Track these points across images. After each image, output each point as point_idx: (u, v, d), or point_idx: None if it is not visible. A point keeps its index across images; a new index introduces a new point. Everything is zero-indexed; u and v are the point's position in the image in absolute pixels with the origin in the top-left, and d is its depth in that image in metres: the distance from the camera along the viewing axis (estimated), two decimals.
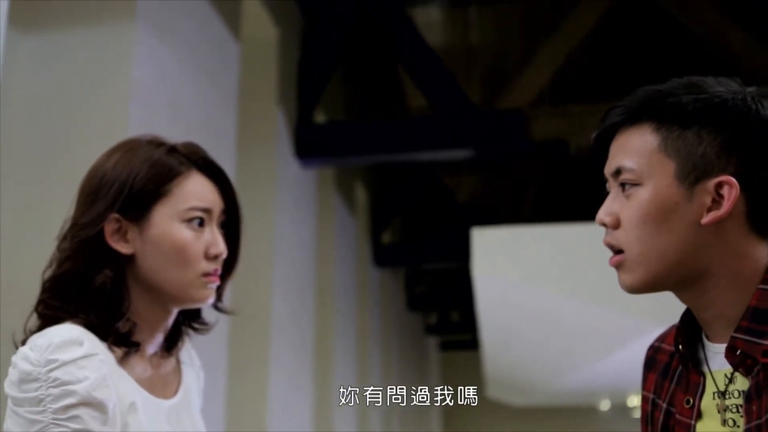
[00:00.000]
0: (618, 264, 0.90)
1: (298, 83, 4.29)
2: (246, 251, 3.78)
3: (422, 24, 4.63)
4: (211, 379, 2.93)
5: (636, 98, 0.90)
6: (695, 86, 0.88)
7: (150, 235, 1.01)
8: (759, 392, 0.82)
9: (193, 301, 1.04)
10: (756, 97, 0.88)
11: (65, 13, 2.47)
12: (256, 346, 3.69)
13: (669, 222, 0.86)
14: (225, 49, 3.25)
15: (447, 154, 4.18)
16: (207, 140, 3.05)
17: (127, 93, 2.43)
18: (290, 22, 4.24)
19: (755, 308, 0.85)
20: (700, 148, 0.86)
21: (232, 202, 1.08)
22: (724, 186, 0.85)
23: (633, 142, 0.89)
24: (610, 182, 0.92)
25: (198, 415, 1.11)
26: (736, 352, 0.85)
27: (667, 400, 0.94)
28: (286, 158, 4.11)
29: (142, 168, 1.01)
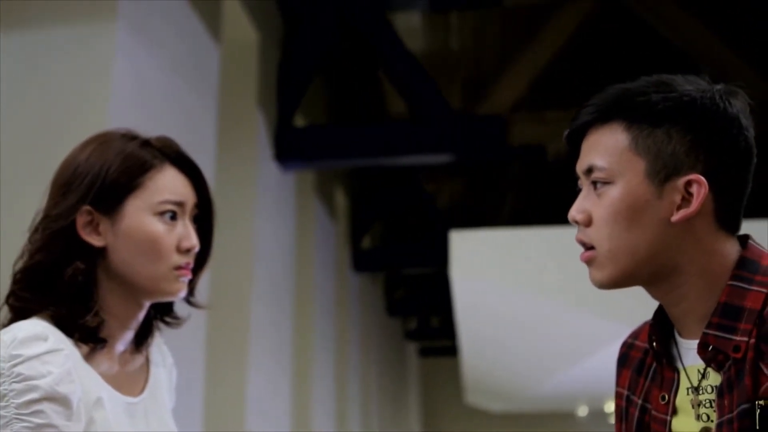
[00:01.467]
0: (589, 260, 0.92)
1: (278, 87, 4.29)
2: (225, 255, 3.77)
3: (403, 30, 4.65)
4: (188, 382, 2.92)
5: (606, 97, 0.92)
6: (665, 85, 0.90)
7: (122, 228, 1.01)
8: (730, 387, 0.84)
9: (165, 294, 1.04)
10: (724, 95, 0.90)
11: (45, 14, 2.46)
12: (234, 350, 3.67)
13: (639, 219, 0.88)
14: (205, 52, 3.25)
15: (426, 158, 4.20)
16: (186, 142, 3.03)
17: (107, 94, 2.42)
18: (271, 26, 4.25)
19: (725, 304, 0.86)
20: (670, 147, 0.88)
21: (205, 196, 1.08)
22: (693, 184, 0.87)
23: (604, 140, 0.90)
24: (582, 180, 0.93)
25: (168, 414, 1.10)
26: (708, 347, 0.86)
27: (642, 397, 0.95)
28: (266, 161, 4.10)
29: (115, 160, 1.01)
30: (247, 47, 3.99)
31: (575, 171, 0.95)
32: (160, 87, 2.81)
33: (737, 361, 0.84)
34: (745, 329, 0.84)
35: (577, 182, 0.96)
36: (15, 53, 2.42)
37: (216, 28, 3.36)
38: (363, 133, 4.18)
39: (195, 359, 3.00)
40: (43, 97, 2.41)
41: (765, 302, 0.85)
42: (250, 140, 3.90)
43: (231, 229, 3.77)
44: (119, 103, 2.44)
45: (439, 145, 4.02)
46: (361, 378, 7.36)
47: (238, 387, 3.64)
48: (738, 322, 0.85)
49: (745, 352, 0.83)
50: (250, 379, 3.68)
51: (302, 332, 5.00)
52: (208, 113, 3.28)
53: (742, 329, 0.84)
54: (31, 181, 2.34)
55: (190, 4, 3.07)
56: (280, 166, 4.25)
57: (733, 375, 0.84)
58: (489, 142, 3.86)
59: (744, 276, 0.87)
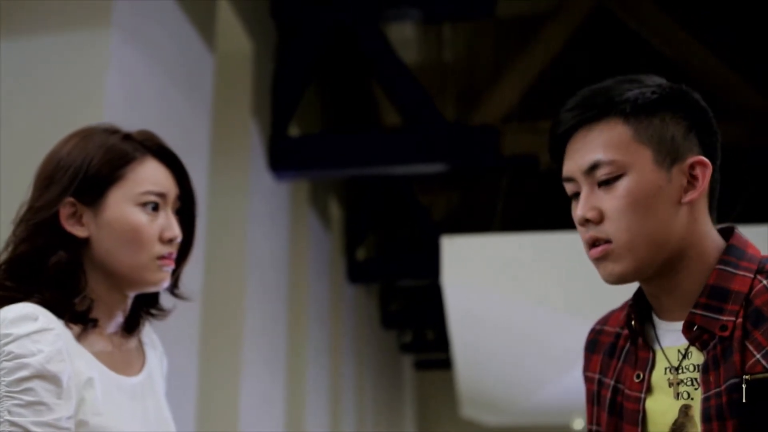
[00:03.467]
0: (604, 254, 0.92)
1: (272, 96, 4.32)
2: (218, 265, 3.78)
3: (396, 41, 4.69)
4: (181, 393, 2.91)
5: (592, 97, 0.94)
6: (639, 80, 0.94)
7: (105, 219, 1.03)
8: (716, 363, 0.87)
9: (147, 283, 1.05)
10: (686, 89, 0.95)
11: (39, 21, 2.48)
12: (227, 362, 3.66)
13: (655, 206, 0.90)
14: (199, 61, 3.27)
15: (420, 168, 4.22)
16: (179, 151, 3.05)
17: (100, 101, 2.43)
18: (265, 36, 4.28)
19: (713, 286, 0.90)
20: (669, 133, 0.92)
21: (187, 188, 1.11)
22: (697, 166, 0.92)
23: (603, 136, 0.92)
24: (581, 180, 0.93)
25: (163, 397, 1.12)
26: (693, 327, 0.90)
27: (614, 378, 0.98)
28: (260, 171, 4.12)
29: (97, 153, 1.04)
30: (241, 56, 4.02)
31: (563, 175, 0.96)
32: (154, 95, 2.82)
33: (723, 340, 0.88)
34: (732, 310, 0.88)
35: (564, 187, 0.97)
36: (7, 60, 2.43)
37: (210, 37, 3.38)
38: (357, 142, 4.20)
39: (187, 370, 2.99)
40: (35, 104, 2.42)
41: (751, 286, 0.89)
42: (243, 149, 3.92)
43: (224, 238, 3.78)
44: (112, 110, 2.45)
45: (433, 154, 4.04)
46: (355, 391, 7.33)
47: (231, 399, 3.63)
48: (725, 304, 0.89)
49: (732, 331, 0.87)
50: (243, 390, 3.67)
51: (296, 344, 4.99)
52: (202, 122, 3.29)
53: (729, 310, 0.88)
54: (25, 188, 2.36)
55: (185, 12, 3.09)
56: (274, 176, 4.26)
57: (719, 353, 0.88)
58: (482, 152, 3.89)
59: (731, 261, 0.91)
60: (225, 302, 3.71)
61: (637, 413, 0.93)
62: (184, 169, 1.10)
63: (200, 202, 3.40)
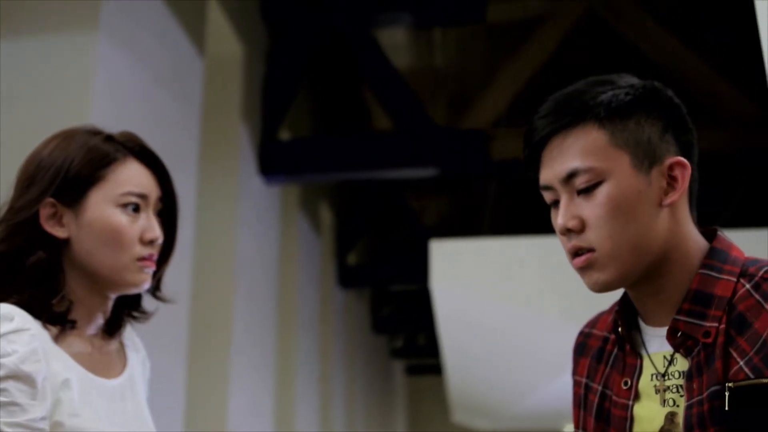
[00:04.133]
0: (588, 263, 0.90)
1: (263, 100, 4.30)
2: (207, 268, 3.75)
3: (387, 45, 4.69)
4: (168, 399, 2.89)
5: (565, 102, 0.92)
6: (611, 82, 0.92)
7: (85, 219, 1.02)
8: (700, 371, 0.86)
9: (128, 285, 1.04)
10: (659, 87, 0.94)
11: (26, 23, 2.46)
12: (215, 368, 3.64)
13: (636, 211, 0.89)
14: (189, 64, 3.26)
15: (410, 172, 4.21)
16: (168, 154, 3.04)
17: (87, 105, 2.41)
18: (256, 39, 4.27)
19: (696, 291, 0.89)
20: (645, 135, 0.90)
21: (169, 190, 1.10)
22: (675, 167, 0.90)
23: (579, 143, 0.90)
24: (559, 189, 0.92)
25: (144, 401, 1.11)
26: (678, 333, 0.89)
27: (602, 383, 0.97)
28: (250, 175, 4.10)
29: (78, 154, 1.03)
30: (231, 60, 4.01)
31: (540, 183, 0.94)
32: (142, 98, 2.81)
33: (707, 346, 0.86)
34: (715, 315, 0.87)
35: (539, 192, 0.95)
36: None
37: (200, 40, 3.37)
38: (347, 146, 4.20)
39: (175, 375, 2.97)
40: (21, 107, 2.40)
41: (734, 290, 0.88)
42: (233, 153, 3.91)
43: (213, 242, 3.76)
44: (99, 114, 2.43)
45: (423, 158, 4.04)
46: (346, 396, 7.31)
47: (219, 404, 3.61)
48: (708, 309, 0.87)
49: (715, 337, 0.86)
50: (231, 396, 3.64)
51: (285, 349, 4.97)
52: (191, 126, 3.28)
53: (712, 315, 0.87)
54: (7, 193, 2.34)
55: (174, 15, 3.08)
56: (264, 180, 4.25)
57: (703, 359, 0.86)
58: (471, 156, 3.89)
59: (714, 265, 0.90)
60: (213, 307, 3.69)
61: (624, 420, 0.92)
62: (166, 170, 1.10)
63: (189, 206, 3.39)
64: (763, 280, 0.87)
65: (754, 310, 0.85)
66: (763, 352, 0.82)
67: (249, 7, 4.20)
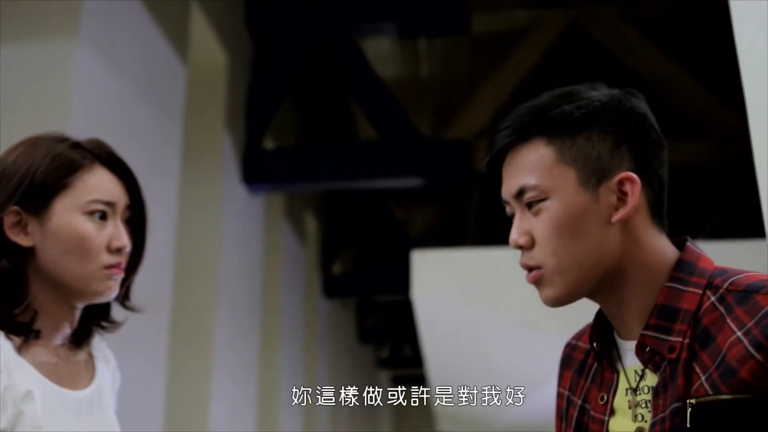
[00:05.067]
0: (536, 280, 0.91)
1: (247, 109, 4.29)
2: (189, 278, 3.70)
3: (372, 55, 4.70)
4: (148, 411, 2.85)
5: (520, 117, 0.92)
6: (572, 95, 0.91)
7: (50, 228, 1.01)
8: (665, 387, 0.85)
9: (95, 294, 1.03)
10: (626, 96, 0.92)
11: (3, 30, 2.43)
12: (196, 379, 3.60)
13: (581, 228, 0.88)
14: (171, 72, 3.24)
15: (395, 182, 4.21)
16: (149, 162, 3.03)
17: (67, 113, 2.39)
18: (240, 48, 4.26)
19: (662, 305, 0.88)
20: (594, 151, 0.89)
21: (138, 197, 1.08)
22: (625, 183, 0.88)
23: (528, 159, 0.90)
24: (513, 204, 0.92)
25: (112, 412, 1.09)
26: (645, 348, 0.88)
27: (581, 397, 0.96)
28: (233, 184, 4.08)
29: (44, 161, 1.01)
30: (216, 69, 3.99)
31: (501, 197, 0.94)
32: (123, 106, 2.79)
33: (672, 362, 0.85)
34: (680, 330, 0.86)
35: (504, 209, 0.95)
36: None
37: (183, 49, 3.36)
38: (332, 156, 4.19)
39: (155, 386, 2.93)
40: None
41: (700, 303, 0.86)
42: (216, 162, 3.89)
43: (195, 252, 3.73)
44: (79, 122, 2.41)
45: (407, 169, 4.04)
46: (331, 408, 7.26)
47: (200, 418, 3.56)
48: (674, 323, 0.86)
49: (680, 352, 0.85)
50: (212, 409, 3.60)
51: (269, 360, 4.93)
52: (173, 133, 3.26)
53: (677, 330, 0.86)
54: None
55: (157, 24, 3.06)
56: (248, 189, 4.23)
57: (668, 375, 0.85)
58: (455, 167, 3.89)
59: (680, 277, 0.88)
60: (195, 318, 3.66)
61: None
62: (134, 177, 1.08)
63: (171, 215, 3.35)
64: (728, 291, 0.85)
65: (718, 324, 0.84)
66: (722, 368, 0.81)
67: (234, 16, 4.20)
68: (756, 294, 0.82)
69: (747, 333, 0.80)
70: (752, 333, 0.80)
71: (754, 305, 0.82)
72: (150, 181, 2.96)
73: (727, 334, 0.82)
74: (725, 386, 0.80)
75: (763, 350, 0.78)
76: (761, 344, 0.78)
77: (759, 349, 0.78)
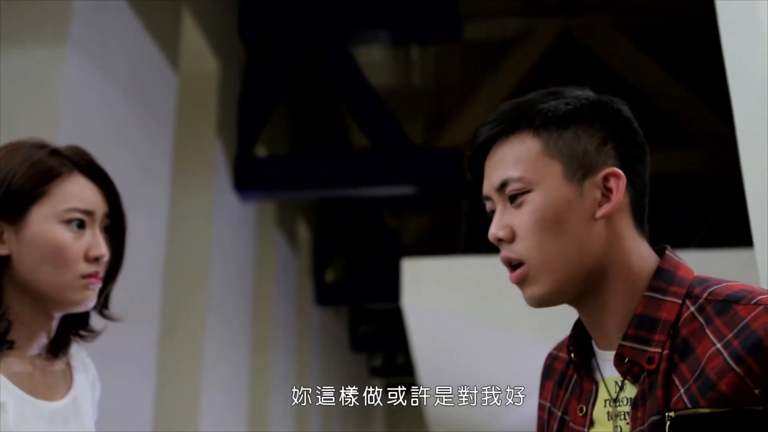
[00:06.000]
0: (521, 277, 0.88)
1: (239, 116, 4.28)
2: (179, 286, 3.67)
3: (365, 63, 4.70)
4: (137, 419, 2.82)
5: (505, 111, 0.91)
6: (558, 93, 0.91)
7: (27, 236, 0.99)
8: (644, 398, 0.83)
9: (72, 303, 1.01)
10: (611, 100, 0.92)
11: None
12: (186, 389, 3.57)
13: (565, 222, 0.86)
14: (162, 79, 3.23)
15: (387, 190, 4.20)
16: (140, 170, 3.02)
17: (55, 119, 2.37)
18: (232, 56, 4.25)
19: (641, 315, 0.86)
20: (581, 146, 0.88)
21: (117, 206, 1.07)
22: (610, 178, 0.87)
23: (513, 151, 0.89)
24: (495, 198, 0.91)
25: (90, 423, 1.06)
26: (624, 359, 0.86)
27: (561, 408, 0.95)
28: (225, 191, 4.07)
29: (21, 168, 1.00)
30: (207, 76, 3.98)
31: (482, 194, 0.93)
32: (112, 113, 2.77)
33: (651, 373, 0.84)
34: (659, 341, 0.84)
35: (485, 207, 0.93)
36: None
37: (174, 56, 3.34)
38: (324, 163, 4.18)
39: (143, 396, 2.91)
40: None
41: (679, 313, 0.84)
42: (208, 169, 3.87)
43: (186, 259, 3.71)
44: (67, 129, 2.39)
45: (399, 176, 4.03)
46: (323, 417, 7.23)
47: (189, 426, 3.53)
48: (653, 334, 0.85)
49: (659, 364, 0.83)
50: (202, 419, 3.57)
51: (260, 369, 4.90)
52: (164, 141, 3.24)
53: (656, 341, 0.84)
54: None
55: (147, 32, 3.05)
56: (239, 196, 4.21)
57: (647, 387, 0.84)
58: (447, 175, 3.89)
59: (659, 286, 0.87)
60: (185, 326, 3.63)
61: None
62: (113, 185, 1.07)
63: (161, 222, 3.32)
64: (707, 301, 0.83)
65: (697, 335, 0.82)
66: (701, 380, 0.79)
67: (226, 24, 4.19)
68: (736, 304, 0.81)
69: (727, 345, 0.78)
70: (732, 345, 0.78)
71: (734, 316, 0.80)
72: (140, 188, 2.96)
73: (706, 346, 0.80)
74: (704, 399, 0.78)
75: (742, 363, 0.77)
76: (741, 357, 0.77)
77: (739, 362, 0.77)
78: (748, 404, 0.76)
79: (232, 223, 4.18)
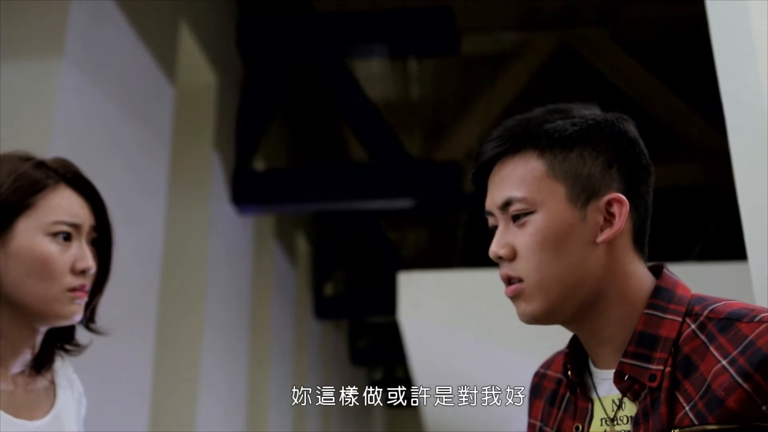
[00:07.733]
0: (516, 293, 0.88)
1: (236, 129, 4.28)
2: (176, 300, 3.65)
3: (362, 76, 4.70)
4: None
5: (511, 129, 0.90)
6: (565, 111, 0.90)
7: (12, 249, 0.98)
8: (646, 416, 0.83)
9: (58, 317, 0.99)
10: (618, 119, 0.90)
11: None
12: (182, 403, 3.54)
13: (566, 245, 0.86)
14: (159, 92, 3.23)
15: (385, 203, 4.20)
16: (137, 183, 3.01)
17: (49, 132, 2.36)
18: (230, 69, 4.26)
19: (641, 333, 0.86)
20: (586, 169, 0.87)
21: (104, 218, 1.06)
22: (614, 203, 0.87)
23: (518, 171, 0.88)
24: (497, 215, 0.91)
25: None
26: (624, 377, 0.85)
27: (554, 427, 0.94)
28: (222, 205, 4.06)
29: (6, 180, 0.99)
30: (205, 89, 3.98)
31: (485, 208, 0.93)
32: (109, 128, 2.77)
33: (653, 390, 0.83)
34: (661, 358, 0.84)
35: (487, 222, 0.93)
36: None
37: (171, 69, 3.35)
38: (322, 176, 4.17)
39: (139, 409, 2.88)
40: None
41: (680, 331, 0.84)
42: (205, 182, 3.86)
43: (183, 273, 3.69)
44: (63, 140, 2.39)
45: (398, 190, 4.02)
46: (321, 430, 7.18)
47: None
48: (654, 351, 0.84)
49: (661, 381, 0.83)
50: (198, 429, 3.55)
51: (258, 384, 4.88)
52: (161, 155, 3.23)
53: (658, 358, 0.84)
54: None
55: (144, 45, 3.06)
56: (237, 210, 4.20)
57: (649, 404, 0.83)
58: (445, 188, 3.88)
59: (659, 305, 0.86)
60: (182, 339, 3.61)
61: None
62: (100, 198, 1.05)
63: (158, 234, 3.29)
64: (708, 319, 0.83)
65: (700, 352, 0.82)
66: (708, 397, 0.79)
67: (223, 37, 4.20)
68: (738, 322, 0.81)
69: (732, 362, 0.78)
70: (738, 362, 0.78)
71: (737, 333, 0.80)
72: (137, 201, 2.96)
73: (711, 363, 0.80)
74: (712, 416, 0.78)
75: (750, 380, 0.77)
76: (748, 373, 0.77)
77: (746, 379, 0.77)
78: (756, 420, 0.76)
79: (229, 237, 4.17)
